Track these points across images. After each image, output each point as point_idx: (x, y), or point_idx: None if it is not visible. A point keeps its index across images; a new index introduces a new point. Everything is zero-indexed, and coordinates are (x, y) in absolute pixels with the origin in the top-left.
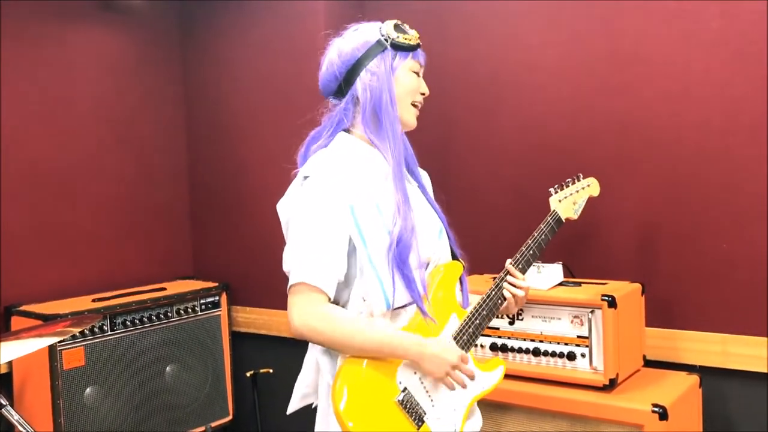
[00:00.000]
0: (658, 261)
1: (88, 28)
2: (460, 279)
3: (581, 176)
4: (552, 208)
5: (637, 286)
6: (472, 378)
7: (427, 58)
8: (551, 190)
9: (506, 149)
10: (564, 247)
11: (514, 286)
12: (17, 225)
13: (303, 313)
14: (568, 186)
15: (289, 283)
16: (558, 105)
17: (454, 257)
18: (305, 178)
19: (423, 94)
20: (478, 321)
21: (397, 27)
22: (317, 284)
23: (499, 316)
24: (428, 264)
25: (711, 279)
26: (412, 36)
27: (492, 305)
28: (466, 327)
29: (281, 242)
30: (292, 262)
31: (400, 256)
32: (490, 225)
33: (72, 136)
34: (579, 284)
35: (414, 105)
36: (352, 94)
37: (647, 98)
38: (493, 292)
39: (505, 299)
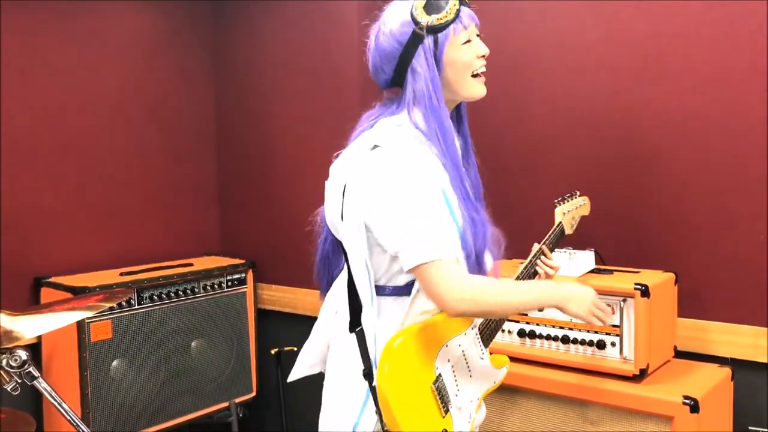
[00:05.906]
0: (692, 251)
1: (119, 1)
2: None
3: (578, 193)
4: (558, 220)
5: (671, 275)
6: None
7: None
8: (556, 201)
9: (537, 133)
10: (596, 234)
11: (546, 265)
12: (47, 197)
13: (460, 292)
14: (568, 200)
15: (421, 260)
16: (593, 88)
17: None
18: (374, 147)
19: (482, 56)
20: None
21: (428, 7)
22: (454, 257)
23: None
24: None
25: (746, 270)
26: (447, 11)
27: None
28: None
29: (309, 221)
30: (414, 240)
31: (471, 245)
32: (519, 210)
33: (102, 110)
34: (611, 272)
35: (475, 75)
36: (402, 93)
37: (686, 84)
38: (526, 270)
39: (536, 275)
